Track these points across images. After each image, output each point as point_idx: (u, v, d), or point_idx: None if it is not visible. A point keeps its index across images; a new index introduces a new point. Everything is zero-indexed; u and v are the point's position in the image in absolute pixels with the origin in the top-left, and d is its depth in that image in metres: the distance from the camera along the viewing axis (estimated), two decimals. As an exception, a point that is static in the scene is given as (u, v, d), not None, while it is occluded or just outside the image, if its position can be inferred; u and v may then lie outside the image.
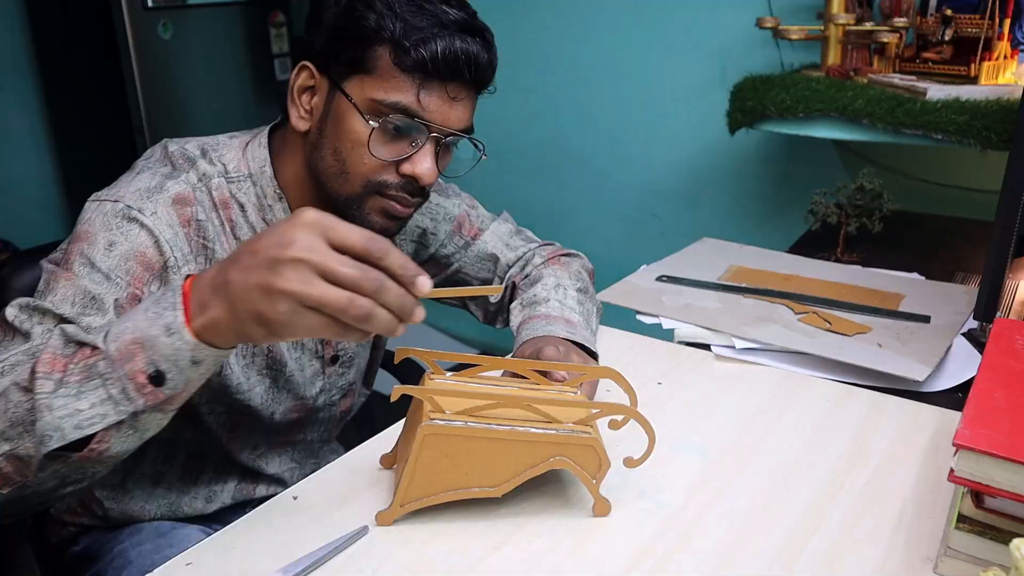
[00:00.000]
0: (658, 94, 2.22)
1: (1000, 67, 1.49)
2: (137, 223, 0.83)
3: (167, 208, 0.85)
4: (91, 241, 0.81)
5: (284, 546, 0.71)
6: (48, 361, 0.65)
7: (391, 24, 0.82)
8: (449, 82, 0.85)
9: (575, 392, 0.82)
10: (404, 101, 0.84)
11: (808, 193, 1.47)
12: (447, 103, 0.86)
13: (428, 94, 0.85)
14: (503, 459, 0.72)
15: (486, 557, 0.70)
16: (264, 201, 0.92)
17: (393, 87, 0.84)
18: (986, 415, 0.66)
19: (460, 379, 0.81)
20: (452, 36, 0.83)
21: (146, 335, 0.63)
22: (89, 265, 0.80)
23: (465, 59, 0.84)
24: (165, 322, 0.63)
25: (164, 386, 0.64)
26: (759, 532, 0.73)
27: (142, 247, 0.83)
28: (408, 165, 0.87)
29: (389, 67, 0.84)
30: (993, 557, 0.65)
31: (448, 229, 1.11)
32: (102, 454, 0.66)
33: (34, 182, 2.81)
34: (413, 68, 0.83)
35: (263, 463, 1.04)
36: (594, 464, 0.73)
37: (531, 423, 0.72)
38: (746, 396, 0.97)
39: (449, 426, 0.71)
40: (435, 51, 0.82)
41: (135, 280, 0.82)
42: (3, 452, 0.66)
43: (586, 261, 1.18)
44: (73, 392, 0.64)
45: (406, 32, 0.82)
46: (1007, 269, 0.99)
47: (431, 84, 0.84)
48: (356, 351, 1.07)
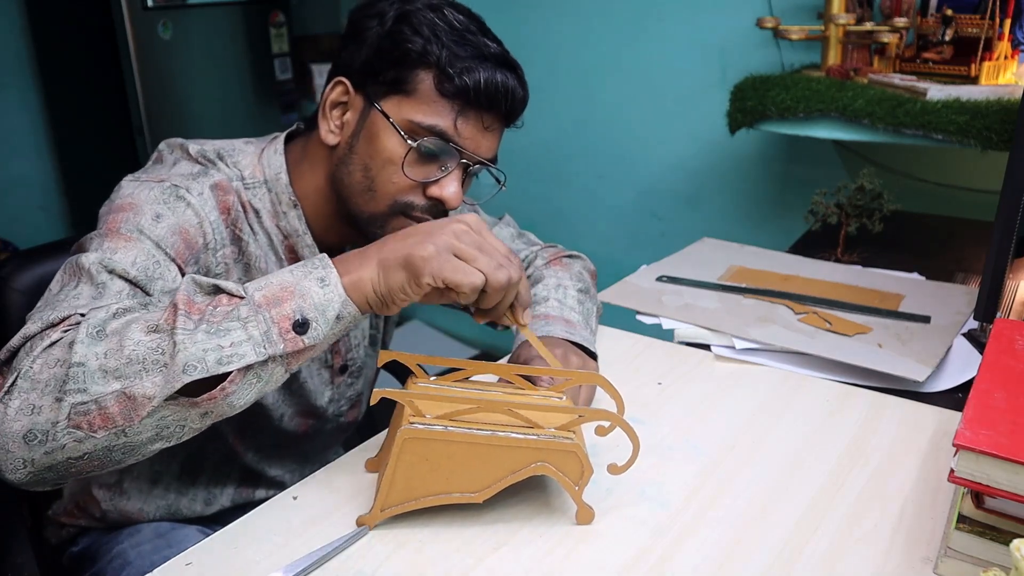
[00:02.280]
0: (658, 94, 2.22)
1: (1000, 67, 1.49)
2: (184, 201, 0.84)
3: (210, 193, 0.87)
4: (137, 211, 0.81)
5: (284, 546, 0.71)
6: (185, 303, 0.66)
7: (437, 50, 0.84)
8: (486, 112, 0.87)
9: (560, 397, 0.81)
10: (441, 125, 0.86)
11: (808, 193, 1.47)
12: (481, 132, 0.88)
13: (465, 121, 0.86)
14: (484, 464, 0.72)
15: (485, 558, 0.70)
16: (279, 208, 0.92)
17: (432, 111, 0.86)
18: (986, 415, 0.66)
19: (443, 384, 0.81)
20: (493, 68, 0.86)
21: (299, 285, 0.68)
22: (138, 231, 0.79)
23: (504, 91, 0.86)
24: (319, 275, 0.69)
25: (306, 335, 0.67)
26: (759, 532, 0.73)
27: (187, 224, 0.84)
28: (436, 188, 0.88)
29: (430, 91, 0.85)
30: (993, 557, 0.65)
31: None
32: (227, 398, 0.66)
33: (34, 182, 2.81)
34: (454, 95, 0.85)
35: (266, 466, 1.04)
36: (576, 470, 0.72)
37: (512, 428, 0.72)
38: (746, 396, 0.97)
39: (428, 430, 0.71)
40: (478, 80, 0.84)
41: (179, 254, 0.82)
42: (113, 391, 0.64)
43: (588, 262, 1.18)
44: (213, 331, 0.65)
45: (451, 60, 0.84)
46: (1007, 269, 0.99)
47: (468, 112, 0.86)
48: (364, 361, 1.07)
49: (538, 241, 1.18)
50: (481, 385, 0.82)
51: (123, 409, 0.64)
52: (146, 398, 0.64)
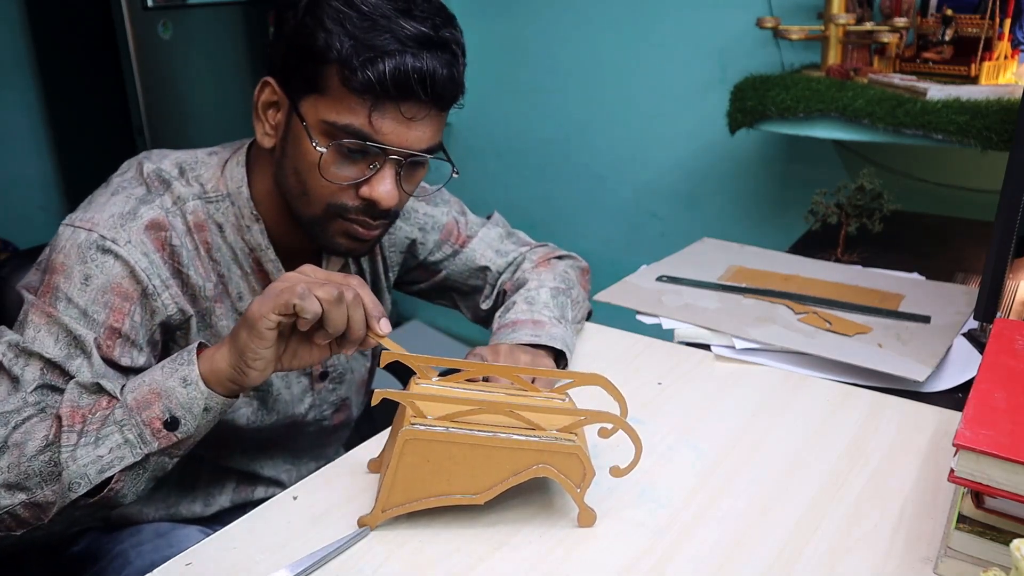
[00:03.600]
0: (658, 94, 2.22)
1: (1000, 67, 1.49)
2: (111, 254, 0.83)
3: (141, 235, 0.85)
4: (67, 274, 0.82)
5: (284, 546, 0.71)
6: (68, 415, 0.73)
7: (339, 43, 0.78)
8: (403, 102, 0.80)
9: (562, 399, 0.80)
10: (356, 124, 0.81)
11: (808, 193, 1.47)
12: (403, 124, 0.82)
13: (381, 116, 0.81)
14: (485, 466, 0.71)
15: (486, 558, 0.70)
16: (242, 221, 0.91)
17: (345, 109, 0.81)
18: (986, 415, 0.66)
19: (446, 384, 0.80)
20: (405, 54, 0.79)
21: (163, 386, 0.73)
22: (66, 301, 0.81)
23: (418, 78, 0.79)
24: (181, 375, 0.73)
25: (177, 430, 0.74)
26: (759, 532, 0.73)
27: (118, 278, 0.83)
28: (367, 188, 0.84)
29: (339, 88, 0.80)
30: (993, 557, 0.65)
31: (436, 238, 1.10)
32: (116, 495, 0.74)
33: (34, 182, 2.81)
34: (362, 89, 0.79)
35: (258, 467, 1.04)
36: (578, 473, 0.72)
37: (514, 430, 0.71)
38: (746, 396, 0.97)
39: (430, 431, 0.70)
40: (383, 71, 0.78)
41: (114, 312, 0.83)
42: (20, 501, 0.73)
43: (579, 260, 1.18)
44: (92, 440, 0.73)
45: (356, 50, 0.78)
46: (1007, 269, 0.99)
47: (383, 105, 0.80)
48: (347, 366, 1.06)
49: (529, 241, 1.18)
50: (483, 386, 0.82)
51: (33, 514, 0.74)
52: (49, 504, 0.73)
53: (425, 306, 1.18)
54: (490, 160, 2.59)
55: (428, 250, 1.10)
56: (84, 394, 0.75)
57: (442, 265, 1.11)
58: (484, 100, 2.55)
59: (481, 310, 1.13)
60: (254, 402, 0.99)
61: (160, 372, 0.75)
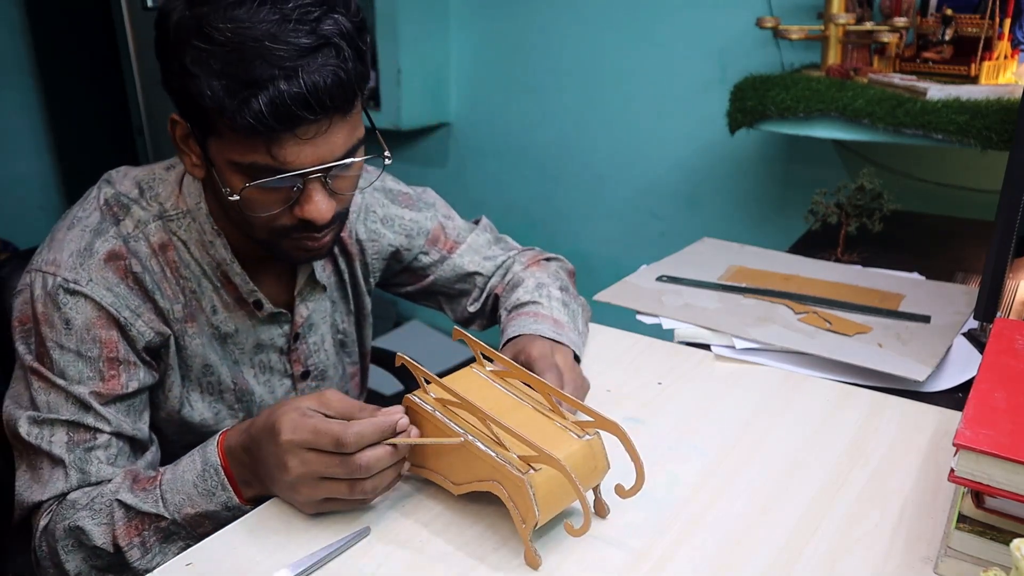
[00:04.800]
0: (658, 94, 2.22)
1: (1000, 67, 1.49)
2: (78, 296, 0.84)
3: (100, 271, 0.85)
4: (49, 323, 0.84)
5: (284, 546, 0.71)
6: (124, 535, 0.79)
7: (208, 88, 0.73)
8: (297, 127, 0.75)
9: (581, 435, 0.73)
10: (259, 161, 0.76)
11: (808, 193, 1.47)
12: (306, 145, 0.76)
13: (279, 147, 0.75)
14: (461, 461, 0.72)
15: (486, 558, 0.70)
16: (204, 237, 0.91)
17: (243, 148, 0.76)
18: (986, 415, 0.66)
19: (485, 373, 0.82)
20: (278, 80, 0.72)
21: (207, 510, 0.78)
22: (59, 349, 0.84)
23: (300, 102, 0.73)
24: (222, 501, 0.77)
25: None
26: (759, 532, 0.73)
27: (93, 316, 0.85)
28: (299, 210, 0.81)
29: (229, 131, 0.75)
30: (993, 557, 0.65)
31: (422, 243, 1.10)
32: None
33: (34, 182, 2.81)
34: (249, 130, 0.73)
35: None
36: (525, 506, 0.67)
37: (486, 438, 0.71)
38: (746, 396, 0.97)
39: (421, 407, 0.75)
40: (259, 110, 0.72)
41: (105, 344, 0.85)
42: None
43: (566, 262, 1.18)
44: (157, 550, 0.80)
45: (227, 92, 0.72)
46: (1007, 269, 0.99)
47: (278, 137, 0.75)
48: (330, 362, 1.07)
49: (516, 245, 1.18)
50: (518, 388, 0.80)
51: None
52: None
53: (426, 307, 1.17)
54: (490, 160, 2.59)
55: (414, 255, 1.10)
56: (131, 514, 0.79)
57: (429, 270, 1.11)
58: (484, 100, 2.55)
59: (468, 311, 1.13)
60: (240, 414, 1.00)
61: (197, 492, 0.78)
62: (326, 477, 0.71)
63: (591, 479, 0.72)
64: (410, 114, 2.51)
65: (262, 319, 0.97)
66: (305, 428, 0.71)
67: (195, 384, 0.95)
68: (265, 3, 0.73)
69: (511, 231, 2.89)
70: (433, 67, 2.52)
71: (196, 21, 0.74)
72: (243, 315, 0.96)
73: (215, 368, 0.96)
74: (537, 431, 0.72)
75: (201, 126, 0.79)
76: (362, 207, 1.06)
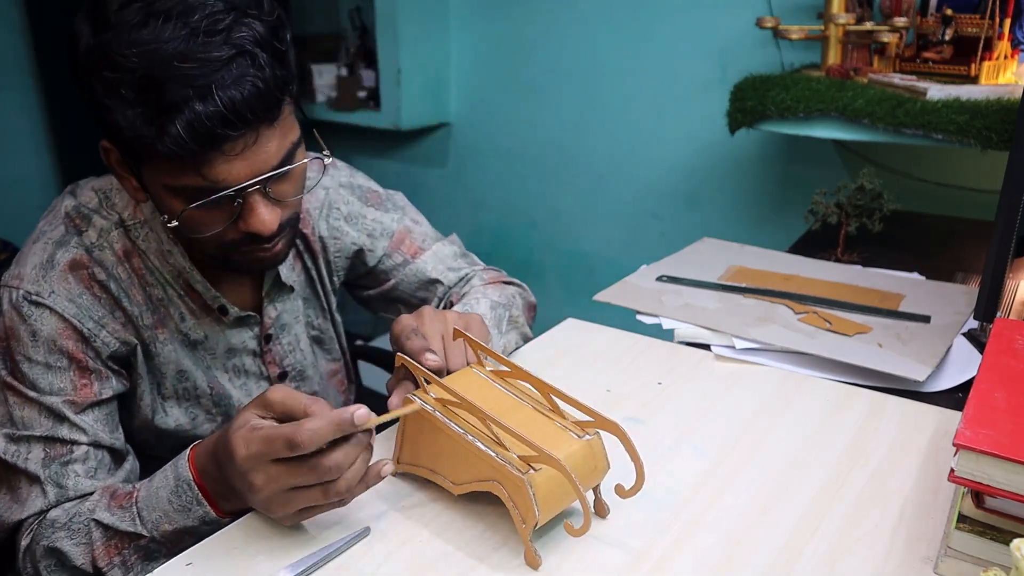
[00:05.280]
0: (658, 94, 2.22)
1: (1000, 67, 1.49)
2: (42, 307, 0.84)
3: (62, 283, 0.85)
4: (17, 336, 0.84)
5: (284, 546, 0.71)
6: (103, 555, 0.79)
7: (124, 119, 0.71)
8: (222, 145, 0.72)
9: (580, 435, 0.73)
10: (191, 183, 0.74)
11: (808, 193, 1.47)
12: (237, 159, 0.74)
13: (209, 166, 0.73)
14: (461, 460, 0.72)
15: (486, 557, 0.70)
16: (163, 247, 0.90)
17: (174, 172, 0.74)
18: (986, 415, 0.66)
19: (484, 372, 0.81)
20: (192, 101, 0.69)
21: (185, 526, 0.76)
22: (28, 362, 0.83)
23: (220, 121, 0.70)
24: (199, 515, 0.76)
25: None
26: (759, 532, 0.73)
27: (58, 326, 0.84)
28: (243, 224, 0.80)
29: (155, 157, 0.73)
30: (993, 557, 0.65)
31: (386, 245, 1.09)
32: None
33: (34, 182, 2.81)
34: (172, 155, 0.71)
35: None
36: (524, 506, 0.67)
37: (486, 438, 0.71)
38: (746, 396, 0.97)
39: (422, 406, 0.74)
40: (178, 135, 0.69)
41: (73, 353, 0.84)
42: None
43: (528, 293, 1.15)
44: (139, 569, 0.79)
45: (145, 119, 0.70)
46: (1007, 269, 0.99)
47: (205, 157, 0.72)
48: (308, 362, 1.06)
49: (480, 263, 1.17)
50: (516, 388, 0.80)
51: None
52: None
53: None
54: (490, 160, 2.59)
55: (377, 257, 1.09)
56: (109, 533, 0.79)
57: (391, 274, 1.10)
58: (484, 100, 2.55)
59: None
60: (218, 418, 0.99)
61: (173, 509, 0.77)
62: (296, 487, 0.67)
63: (591, 479, 0.72)
64: (410, 114, 2.51)
65: (229, 324, 0.96)
66: (255, 440, 0.67)
67: (170, 391, 0.95)
68: (170, 19, 0.69)
69: (511, 231, 2.90)
70: (433, 67, 2.52)
71: (102, 49, 0.70)
72: (210, 321, 0.95)
73: (189, 374, 0.95)
74: (537, 431, 0.72)
75: (129, 153, 0.76)
76: (325, 203, 1.05)
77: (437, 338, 0.82)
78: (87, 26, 0.73)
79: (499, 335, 1.00)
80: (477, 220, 2.67)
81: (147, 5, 0.70)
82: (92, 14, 0.72)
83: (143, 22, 0.69)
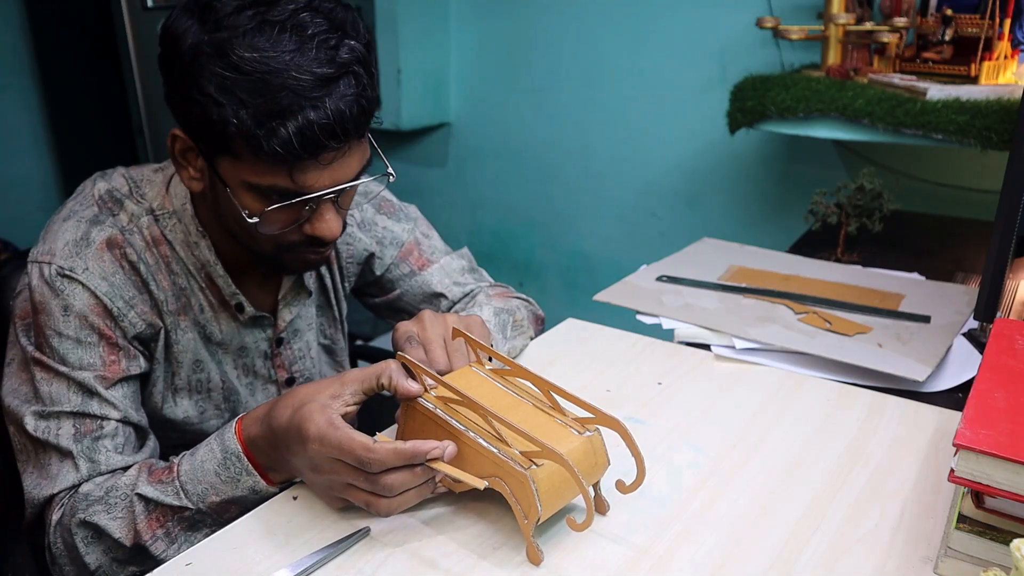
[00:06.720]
0: (658, 94, 2.22)
1: (1000, 67, 1.49)
2: (75, 283, 0.85)
3: (97, 261, 0.86)
4: (48, 311, 0.84)
5: (284, 546, 0.71)
6: (146, 528, 0.79)
7: (234, 115, 0.74)
8: (321, 153, 0.77)
9: (581, 431, 0.74)
10: (279, 184, 0.78)
11: (808, 193, 1.47)
12: (326, 169, 0.79)
13: (302, 172, 0.77)
14: (462, 458, 0.72)
15: (488, 555, 0.70)
16: (189, 238, 0.91)
17: (264, 171, 0.77)
18: (986, 415, 0.66)
19: (483, 371, 0.81)
20: (306, 109, 0.73)
21: (233, 496, 0.78)
22: (57, 336, 0.84)
23: (328, 132, 0.75)
24: (248, 485, 0.78)
25: None
26: (759, 532, 0.73)
27: (88, 305, 0.85)
28: (308, 227, 0.83)
29: (251, 155, 0.76)
30: (993, 557, 0.65)
31: (395, 254, 1.10)
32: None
33: (34, 182, 2.81)
34: (274, 157, 0.75)
35: None
36: (527, 501, 0.68)
37: (487, 434, 0.71)
38: (746, 396, 0.97)
39: (423, 405, 0.74)
40: (287, 138, 0.73)
41: (103, 330, 0.85)
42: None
43: (535, 307, 1.16)
44: (183, 539, 0.80)
45: (254, 121, 0.73)
46: (1007, 269, 0.99)
47: (301, 163, 0.77)
48: (315, 370, 1.07)
49: (489, 279, 1.17)
50: (517, 386, 0.80)
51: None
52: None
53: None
54: (490, 160, 2.59)
55: (385, 266, 1.10)
56: (151, 506, 0.80)
57: (397, 284, 1.11)
58: (484, 100, 2.55)
59: None
60: (225, 414, 1.00)
61: (220, 481, 0.78)
62: (351, 485, 0.72)
63: (592, 475, 0.73)
64: (410, 114, 2.51)
65: (244, 322, 0.97)
66: (332, 442, 0.70)
67: (184, 382, 0.95)
68: (285, 30, 0.74)
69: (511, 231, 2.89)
70: (433, 67, 2.52)
71: (217, 47, 0.73)
72: (227, 317, 0.96)
73: (205, 365, 0.96)
74: (537, 428, 0.73)
75: (213, 146, 0.79)
76: None
77: (438, 341, 0.83)
78: (194, 23, 0.75)
79: (504, 340, 1.01)
80: (477, 220, 2.67)
81: (260, 13, 0.74)
82: (201, 14, 0.75)
83: (259, 28, 0.74)
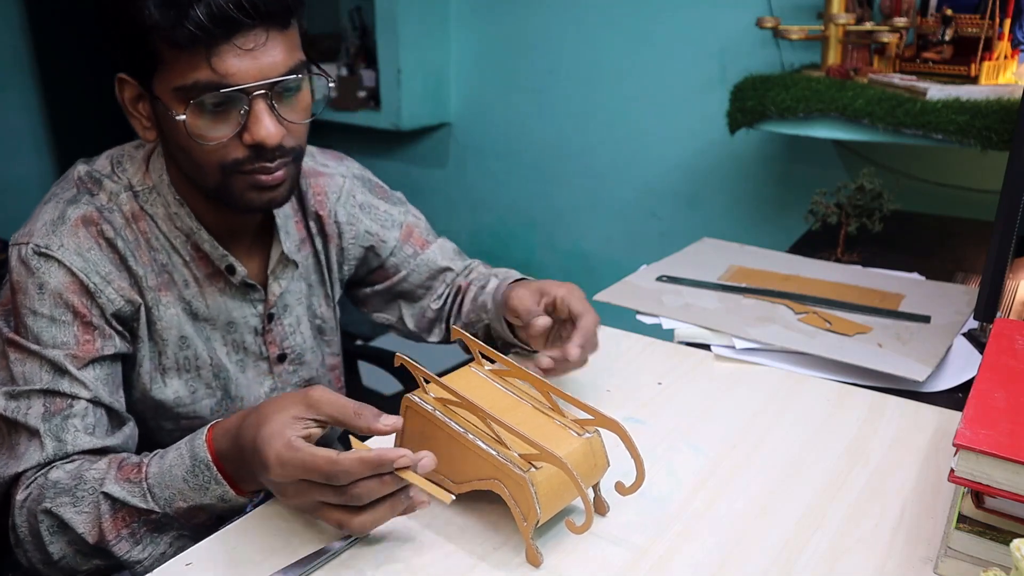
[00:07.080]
0: (658, 94, 2.22)
1: (1000, 67, 1.49)
2: (51, 260, 0.85)
3: (72, 237, 0.86)
4: (24, 290, 0.85)
5: (284, 546, 0.71)
6: (111, 528, 0.78)
7: (147, 9, 0.77)
8: (235, 36, 0.78)
9: (580, 433, 0.74)
10: (201, 77, 0.78)
11: (808, 193, 1.47)
12: (246, 57, 0.79)
13: (220, 59, 0.78)
14: (461, 460, 0.72)
15: (485, 558, 0.70)
16: (170, 210, 0.92)
17: (185, 68, 0.78)
18: (986, 415, 0.66)
19: (483, 372, 0.81)
20: None
21: (202, 503, 0.77)
22: (32, 315, 0.84)
23: (235, 5, 0.76)
24: (217, 494, 0.76)
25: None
26: (759, 532, 0.73)
27: (65, 279, 0.85)
28: (247, 135, 0.83)
29: (169, 51, 0.78)
30: (993, 557, 0.65)
31: (396, 236, 1.11)
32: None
33: (34, 182, 2.81)
34: (189, 42, 0.76)
35: None
36: (526, 504, 0.68)
37: (486, 437, 0.71)
38: (746, 396, 0.97)
39: (422, 406, 0.74)
40: (198, 17, 0.75)
41: (77, 308, 0.85)
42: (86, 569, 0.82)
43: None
44: (148, 541, 0.80)
45: (165, 7, 0.76)
46: (1007, 269, 0.99)
47: (217, 48, 0.78)
48: (304, 347, 1.07)
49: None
50: (517, 388, 0.80)
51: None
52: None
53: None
54: (490, 160, 2.59)
55: (390, 249, 1.11)
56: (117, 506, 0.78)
57: (403, 266, 1.12)
58: (484, 100, 2.55)
59: (431, 310, 1.14)
60: (217, 392, 0.99)
61: (189, 488, 0.77)
62: (324, 502, 0.69)
63: (591, 477, 0.73)
64: (410, 114, 2.51)
65: (234, 294, 0.97)
66: (292, 463, 0.68)
67: (171, 361, 0.94)
68: None
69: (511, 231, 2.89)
70: (433, 67, 2.52)
71: None
72: (215, 291, 0.95)
73: (191, 341, 0.95)
74: (537, 429, 0.72)
75: (145, 61, 0.80)
76: (343, 189, 1.08)
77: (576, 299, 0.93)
78: None
79: None
80: (477, 220, 2.67)
81: None
82: None
83: None
